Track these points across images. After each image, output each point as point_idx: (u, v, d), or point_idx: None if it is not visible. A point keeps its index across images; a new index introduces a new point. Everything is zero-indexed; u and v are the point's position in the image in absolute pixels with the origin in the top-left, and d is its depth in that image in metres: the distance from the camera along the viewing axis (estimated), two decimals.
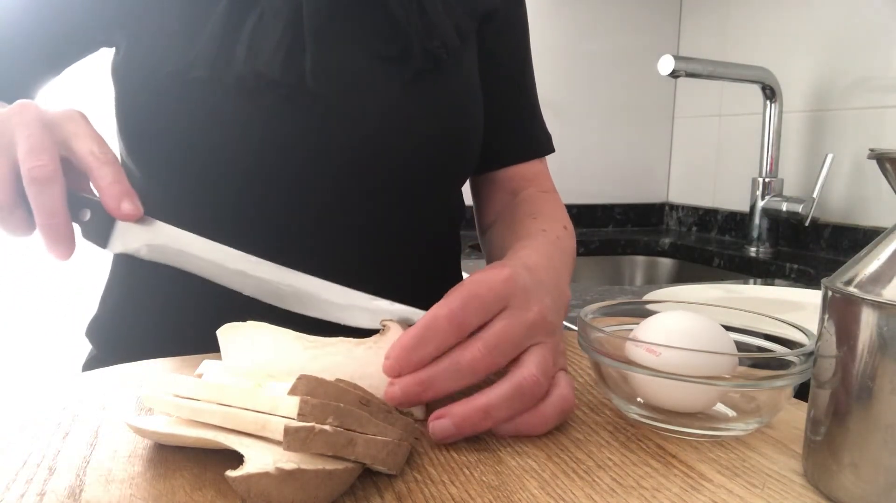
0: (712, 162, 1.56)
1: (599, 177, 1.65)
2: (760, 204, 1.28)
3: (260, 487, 0.30)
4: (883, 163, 0.34)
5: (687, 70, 1.15)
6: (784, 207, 1.23)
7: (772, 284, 1.03)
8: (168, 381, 0.37)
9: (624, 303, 0.50)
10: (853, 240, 1.19)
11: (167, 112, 0.58)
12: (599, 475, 0.36)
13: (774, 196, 1.27)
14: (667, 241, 1.46)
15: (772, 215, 1.27)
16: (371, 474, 0.35)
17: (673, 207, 1.68)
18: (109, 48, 0.64)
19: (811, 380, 0.36)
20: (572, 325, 0.74)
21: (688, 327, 0.42)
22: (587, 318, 0.44)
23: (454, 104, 0.65)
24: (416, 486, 0.34)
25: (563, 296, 0.48)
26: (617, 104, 1.64)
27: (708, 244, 1.39)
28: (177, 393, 0.36)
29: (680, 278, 1.42)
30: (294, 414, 0.31)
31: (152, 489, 0.33)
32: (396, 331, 0.41)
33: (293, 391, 0.33)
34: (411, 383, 0.38)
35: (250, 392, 0.34)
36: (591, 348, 0.42)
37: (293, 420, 0.31)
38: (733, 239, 1.46)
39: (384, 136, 0.61)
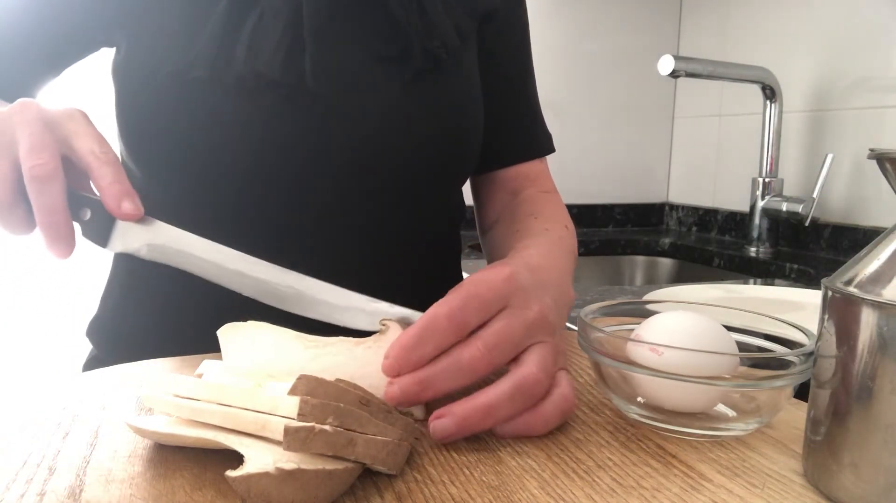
0: (712, 162, 1.56)
1: (599, 177, 1.65)
2: (760, 204, 1.28)
3: (260, 487, 0.30)
4: (883, 163, 0.34)
5: (687, 70, 1.15)
6: (784, 207, 1.23)
7: (772, 284, 1.03)
8: (168, 381, 0.37)
9: (624, 303, 0.50)
10: (853, 240, 1.19)
11: (167, 112, 0.58)
12: (599, 475, 0.36)
13: (774, 196, 1.27)
14: (667, 241, 1.46)
15: (772, 215, 1.27)
16: (371, 474, 0.35)
17: (673, 207, 1.68)
18: (110, 48, 0.64)
19: (811, 380, 0.36)
20: (572, 326, 0.74)
21: (690, 327, 0.42)
22: (587, 318, 0.44)
23: (454, 104, 0.65)
24: (416, 486, 0.34)
25: (566, 295, 0.48)
26: (617, 104, 1.64)
27: (708, 244, 1.39)
28: (177, 393, 0.36)
29: (680, 278, 1.42)
30: (294, 414, 0.31)
31: (152, 489, 0.33)
32: (396, 330, 0.41)
33: (293, 391, 0.33)
34: (410, 382, 0.38)
35: (250, 392, 0.34)
36: (591, 348, 0.42)
37: (293, 420, 0.31)
38: (733, 239, 1.46)
39: (384, 136, 0.61)
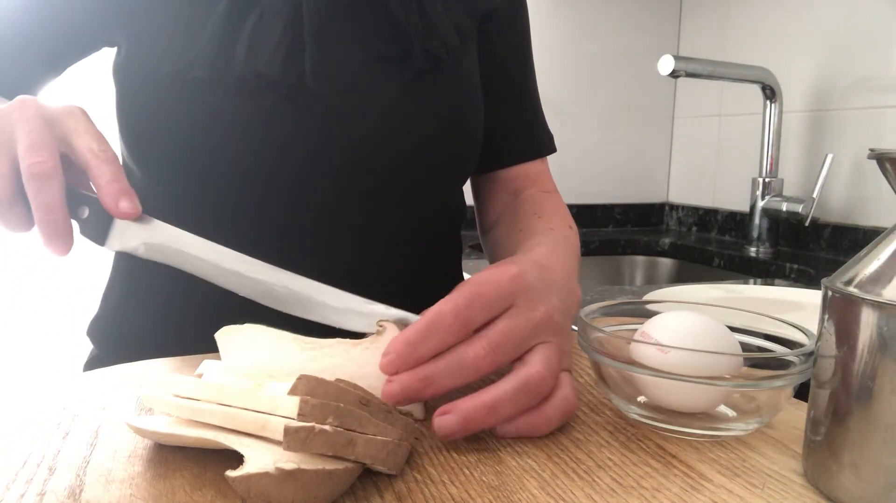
0: (712, 162, 1.56)
1: (599, 177, 1.65)
2: (760, 204, 1.28)
3: (260, 487, 0.30)
4: (883, 163, 0.34)
5: (687, 70, 1.15)
6: (784, 207, 1.23)
7: (772, 284, 1.03)
8: (168, 381, 0.37)
9: (624, 303, 0.50)
10: (853, 240, 1.19)
11: (167, 112, 0.58)
12: (599, 475, 0.36)
13: (774, 196, 1.27)
14: (667, 241, 1.46)
15: (772, 215, 1.27)
16: (371, 474, 0.35)
17: (673, 207, 1.68)
18: (110, 48, 0.64)
19: (811, 380, 0.36)
20: (573, 326, 0.74)
21: (695, 327, 0.42)
22: (587, 318, 0.44)
23: (454, 104, 0.65)
24: (416, 486, 0.34)
25: (573, 295, 0.48)
26: (617, 104, 1.64)
27: (708, 244, 1.39)
28: (177, 393, 0.36)
29: (680, 278, 1.42)
30: (294, 414, 0.31)
31: (152, 489, 0.33)
32: (392, 331, 0.41)
33: (293, 391, 0.33)
34: (412, 379, 0.37)
35: (250, 392, 0.34)
36: (591, 348, 0.42)
37: (293, 420, 0.31)
38: (733, 239, 1.46)
39: (384, 136, 0.61)
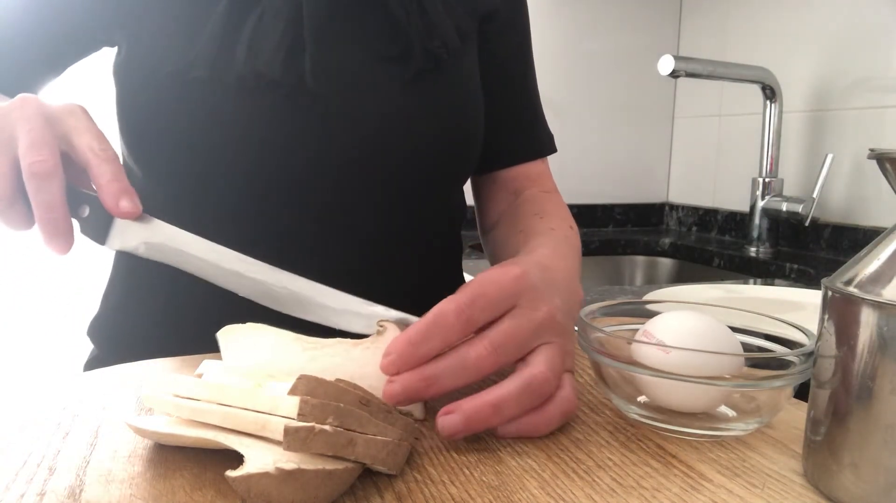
0: (712, 162, 1.56)
1: (599, 177, 1.65)
2: (760, 204, 1.28)
3: (260, 487, 0.30)
4: (883, 163, 0.34)
5: (687, 70, 1.15)
6: (784, 207, 1.23)
7: (772, 284, 1.03)
8: (168, 381, 0.37)
9: (624, 303, 0.50)
10: (853, 240, 1.19)
11: (167, 112, 0.58)
12: (599, 475, 0.36)
13: (774, 196, 1.27)
14: (667, 241, 1.46)
15: (772, 215, 1.27)
16: (371, 474, 0.35)
17: (673, 207, 1.68)
18: (111, 48, 0.64)
19: (811, 380, 0.36)
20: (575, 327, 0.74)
21: (696, 327, 0.42)
22: (587, 318, 0.44)
23: (454, 104, 0.65)
24: (416, 486, 0.34)
25: (576, 295, 0.48)
26: (617, 104, 1.64)
27: (708, 244, 1.39)
28: (177, 393, 0.36)
29: (680, 278, 1.42)
30: (294, 414, 0.31)
31: (152, 489, 0.33)
32: (394, 331, 0.41)
33: (293, 391, 0.33)
34: (414, 379, 0.37)
35: (250, 392, 0.34)
36: (591, 348, 0.42)
37: (293, 420, 0.31)
38: (733, 239, 1.46)
39: (384, 136, 0.61)
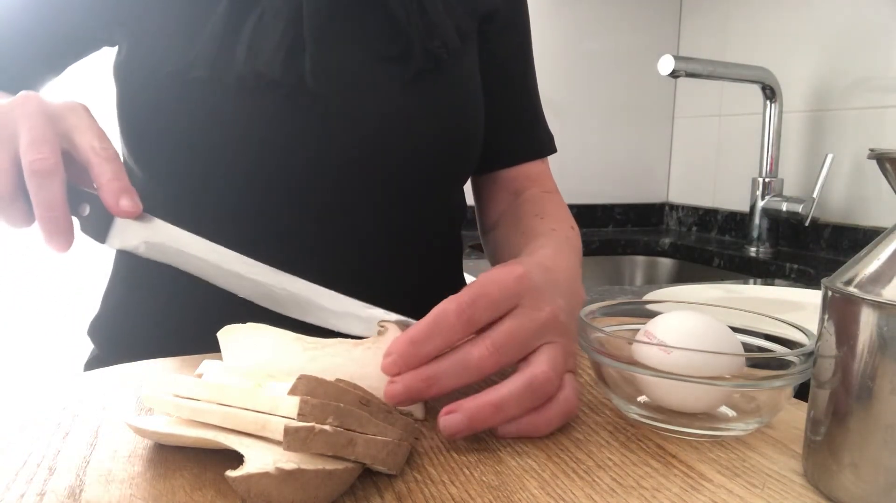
0: (712, 162, 1.56)
1: (599, 177, 1.65)
2: (760, 204, 1.28)
3: (260, 487, 0.30)
4: (883, 163, 0.34)
5: (687, 70, 1.15)
6: (784, 207, 1.23)
7: (772, 284, 1.03)
8: (168, 381, 0.37)
9: (624, 303, 0.50)
10: (853, 240, 1.19)
11: (167, 112, 0.58)
12: (599, 475, 0.36)
13: (774, 196, 1.27)
14: (667, 241, 1.46)
15: (772, 215, 1.27)
16: (371, 474, 0.35)
17: (673, 207, 1.68)
18: (111, 47, 0.64)
19: (811, 380, 0.36)
20: None
21: (697, 327, 0.42)
22: (587, 318, 0.44)
23: (454, 104, 0.65)
24: (416, 486, 0.34)
25: (578, 296, 0.48)
26: (617, 104, 1.64)
27: (708, 244, 1.39)
28: (177, 393, 0.36)
29: (680, 278, 1.42)
30: (294, 414, 0.31)
31: (152, 489, 0.33)
32: (395, 331, 0.41)
33: (293, 391, 0.33)
34: (416, 379, 0.37)
35: (250, 392, 0.34)
36: (591, 348, 0.42)
37: (293, 420, 0.31)
38: (733, 239, 1.46)
39: (384, 137, 0.61)
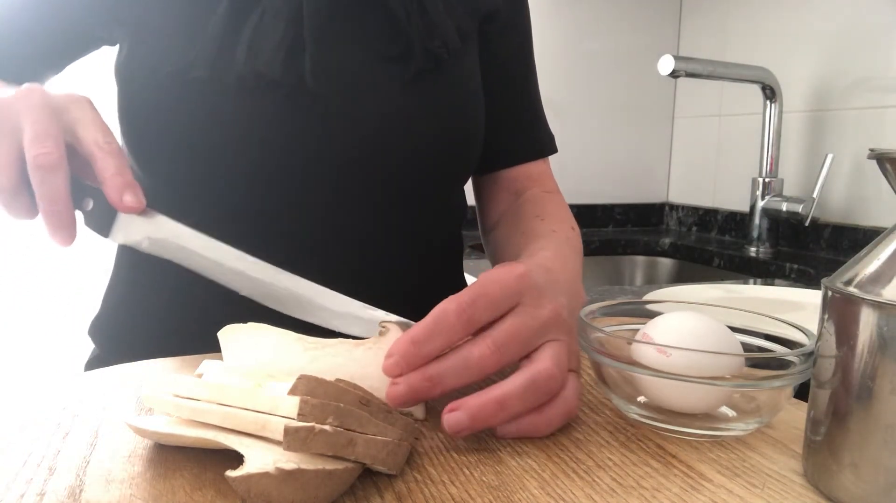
0: (712, 162, 1.56)
1: (599, 177, 1.65)
2: (760, 204, 1.28)
3: (260, 487, 0.30)
4: (883, 163, 0.34)
5: (687, 70, 1.15)
6: (784, 207, 1.23)
7: (772, 284, 1.03)
8: (168, 381, 0.37)
9: (624, 303, 0.50)
10: (853, 240, 1.19)
11: (167, 112, 0.58)
12: (599, 475, 0.36)
13: (774, 196, 1.27)
14: (667, 241, 1.46)
15: (772, 215, 1.27)
16: (371, 474, 0.35)
17: (673, 207, 1.68)
18: (111, 46, 0.64)
19: (811, 380, 0.36)
20: None
21: (696, 328, 0.42)
22: (587, 318, 0.44)
23: (454, 104, 0.65)
24: (416, 486, 0.34)
25: (579, 296, 0.48)
26: (617, 104, 1.64)
27: (708, 244, 1.39)
28: (177, 393, 0.36)
29: (680, 278, 1.42)
30: (294, 414, 0.31)
31: (152, 489, 0.33)
32: (396, 332, 0.41)
33: (293, 391, 0.33)
34: (418, 379, 0.37)
35: (250, 392, 0.34)
36: (591, 348, 0.42)
37: (293, 420, 0.31)
38: (733, 239, 1.46)
39: (384, 136, 0.61)
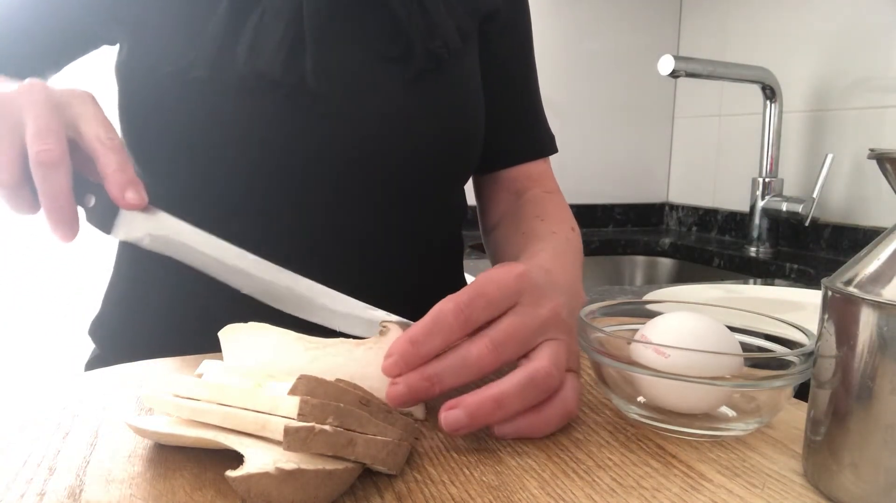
0: (712, 162, 1.56)
1: (599, 177, 1.65)
2: (760, 204, 1.28)
3: (260, 487, 0.30)
4: (883, 163, 0.34)
5: (687, 70, 1.15)
6: (784, 207, 1.23)
7: (772, 284, 1.03)
8: (168, 381, 0.37)
9: (624, 303, 0.50)
10: (853, 240, 1.19)
11: (168, 112, 0.58)
12: (599, 475, 0.36)
13: (774, 196, 1.27)
14: (667, 241, 1.46)
15: (772, 215, 1.27)
16: (371, 474, 0.35)
17: (673, 207, 1.68)
18: (111, 45, 0.64)
19: (811, 380, 0.36)
20: None
21: (695, 328, 0.42)
22: (587, 318, 0.44)
23: (455, 104, 0.65)
24: (416, 486, 0.34)
25: (578, 296, 0.48)
26: (617, 104, 1.64)
27: (708, 244, 1.39)
28: (177, 393, 0.36)
29: (680, 278, 1.42)
30: (294, 414, 0.31)
31: (152, 489, 0.33)
32: (396, 332, 0.41)
33: (293, 391, 0.33)
34: (418, 379, 0.37)
35: (250, 392, 0.34)
36: (591, 348, 0.42)
37: (293, 420, 0.31)
38: (733, 239, 1.46)
39: (385, 137, 0.61)
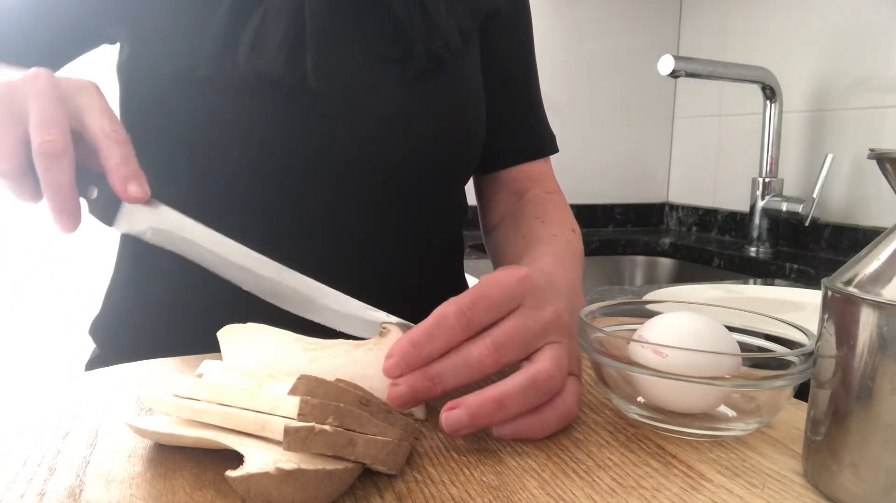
0: (712, 162, 1.56)
1: (599, 177, 1.65)
2: (760, 204, 1.28)
3: (260, 487, 0.30)
4: (883, 163, 0.34)
5: (687, 70, 1.15)
6: (784, 207, 1.23)
7: (772, 284, 1.03)
8: (168, 381, 0.37)
9: (624, 303, 0.50)
10: (853, 240, 1.19)
11: (168, 111, 0.58)
12: (599, 475, 0.36)
13: (774, 196, 1.27)
14: (667, 241, 1.46)
15: (772, 215, 1.27)
16: (371, 474, 0.35)
17: (673, 207, 1.68)
18: (111, 44, 0.64)
19: (811, 380, 0.36)
20: None
21: (693, 328, 0.42)
22: (587, 318, 0.44)
23: (456, 104, 0.65)
24: (416, 486, 0.34)
25: (579, 300, 0.48)
26: (617, 104, 1.64)
27: (708, 244, 1.39)
28: (177, 393, 0.36)
29: (680, 278, 1.42)
30: (294, 414, 0.31)
31: (152, 489, 0.33)
32: (396, 333, 0.41)
33: (293, 391, 0.33)
34: (419, 379, 0.37)
35: (250, 392, 0.34)
36: (591, 348, 0.42)
37: (293, 420, 0.31)
38: (733, 239, 1.46)
39: (385, 137, 0.61)
